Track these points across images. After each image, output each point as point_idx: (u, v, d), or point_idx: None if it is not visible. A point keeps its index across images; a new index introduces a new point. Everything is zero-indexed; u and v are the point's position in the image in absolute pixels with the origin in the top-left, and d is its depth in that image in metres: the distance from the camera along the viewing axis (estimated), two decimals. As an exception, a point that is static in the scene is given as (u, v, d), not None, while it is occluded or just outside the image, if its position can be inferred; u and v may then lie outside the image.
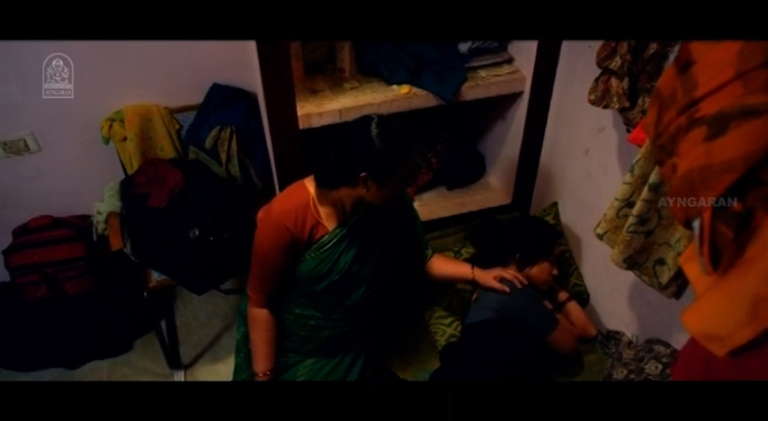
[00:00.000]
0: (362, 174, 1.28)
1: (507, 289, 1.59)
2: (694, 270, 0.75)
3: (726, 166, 0.64)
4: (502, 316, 1.58)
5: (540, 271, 1.70)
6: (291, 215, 1.38)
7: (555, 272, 1.72)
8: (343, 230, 1.42)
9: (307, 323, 1.57)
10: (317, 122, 1.75)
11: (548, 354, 1.60)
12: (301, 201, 1.40)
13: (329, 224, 1.42)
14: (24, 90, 1.93)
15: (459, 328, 1.78)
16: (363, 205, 1.41)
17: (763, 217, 0.64)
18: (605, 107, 1.47)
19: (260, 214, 1.44)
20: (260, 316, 1.52)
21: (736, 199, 0.64)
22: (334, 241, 1.42)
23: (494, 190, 2.27)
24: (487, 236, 1.85)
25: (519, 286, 1.60)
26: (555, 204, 2.04)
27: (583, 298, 1.95)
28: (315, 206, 1.41)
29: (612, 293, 1.83)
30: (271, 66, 1.59)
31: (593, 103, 1.49)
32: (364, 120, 1.30)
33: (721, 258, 0.69)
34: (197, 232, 1.88)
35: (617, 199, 1.45)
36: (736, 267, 0.68)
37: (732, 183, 0.64)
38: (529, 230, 1.77)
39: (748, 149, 0.62)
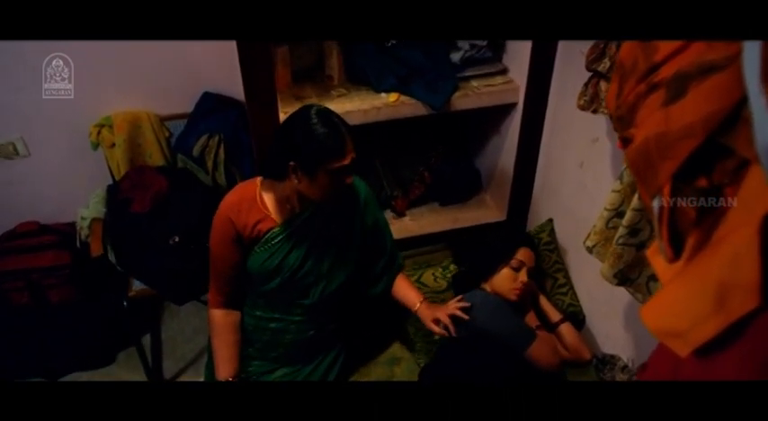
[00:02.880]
0: (291, 164, 1.27)
1: (445, 333, 1.47)
2: (661, 262, 0.67)
3: (684, 132, 0.56)
4: (473, 332, 1.49)
5: (500, 279, 1.61)
6: (235, 207, 1.39)
7: (522, 278, 1.62)
8: (291, 225, 1.40)
9: (267, 326, 1.52)
10: (301, 128, 1.71)
11: (529, 373, 1.49)
12: (247, 195, 1.41)
13: (278, 218, 1.41)
14: (15, 93, 1.93)
15: (443, 347, 1.69)
16: (308, 200, 1.38)
17: (731, 194, 0.56)
18: (594, 112, 1.40)
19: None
20: (218, 317, 1.48)
21: (699, 173, 0.57)
22: (282, 236, 1.40)
23: (488, 206, 2.20)
24: (464, 253, 1.79)
25: (452, 332, 1.47)
26: (550, 221, 1.95)
27: (578, 319, 1.84)
28: (261, 199, 1.40)
29: (608, 314, 1.72)
30: (252, 69, 1.57)
31: (582, 108, 1.43)
32: (305, 109, 1.29)
33: (684, 243, 0.61)
34: (177, 239, 1.83)
35: (606, 208, 1.37)
36: (701, 252, 0.59)
37: (693, 152, 0.56)
38: (480, 241, 1.72)
39: (709, 110, 0.54)
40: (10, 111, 1.96)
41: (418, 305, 1.54)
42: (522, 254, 1.64)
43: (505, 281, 1.60)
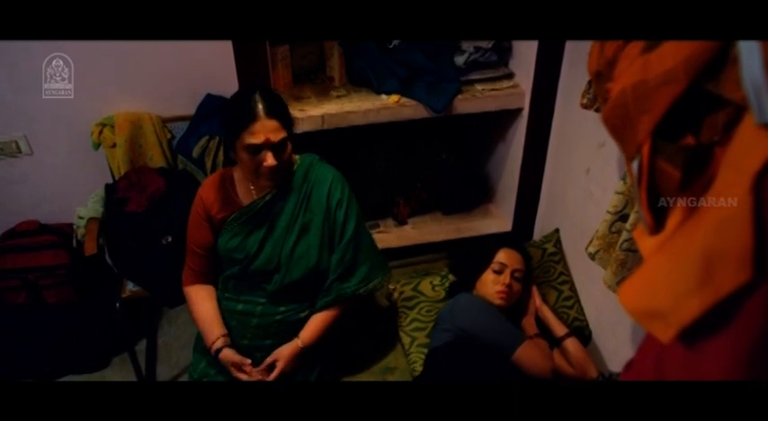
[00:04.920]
0: (223, 138, 1.36)
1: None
2: (647, 242, 0.59)
3: (664, 78, 0.49)
4: (459, 336, 1.42)
5: (483, 283, 1.56)
6: (208, 185, 1.48)
7: (504, 280, 1.54)
8: (250, 210, 1.44)
9: (235, 308, 1.53)
10: (298, 128, 1.67)
11: (518, 379, 1.40)
12: (222, 177, 1.48)
13: (243, 201, 1.46)
14: (18, 92, 1.93)
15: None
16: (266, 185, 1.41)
17: (722, 155, 0.49)
18: (597, 110, 1.34)
19: None
20: (191, 292, 1.56)
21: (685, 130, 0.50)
22: (242, 219, 1.44)
23: (493, 215, 2.12)
24: (452, 261, 1.77)
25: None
26: (556, 231, 1.87)
27: (584, 334, 1.74)
28: (232, 182, 1.47)
29: (616, 329, 1.62)
30: (248, 70, 1.58)
31: (584, 107, 1.37)
32: (244, 87, 1.37)
33: (668, 212, 0.53)
34: (170, 239, 1.79)
35: (609, 212, 1.29)
36: (687, 221, 0.51)
37: (674, 102, 0.49)
38: (466, 247, 1.73)
39: (691, 51, 0.47)
40: (13, 110, 1.96)
41: (295, 342, 1.49)
42: (504, 256, 1.57)
43: (488, 284, 1.54)
